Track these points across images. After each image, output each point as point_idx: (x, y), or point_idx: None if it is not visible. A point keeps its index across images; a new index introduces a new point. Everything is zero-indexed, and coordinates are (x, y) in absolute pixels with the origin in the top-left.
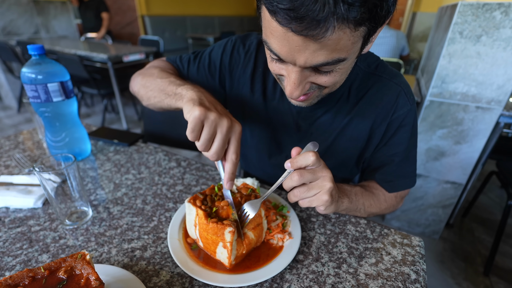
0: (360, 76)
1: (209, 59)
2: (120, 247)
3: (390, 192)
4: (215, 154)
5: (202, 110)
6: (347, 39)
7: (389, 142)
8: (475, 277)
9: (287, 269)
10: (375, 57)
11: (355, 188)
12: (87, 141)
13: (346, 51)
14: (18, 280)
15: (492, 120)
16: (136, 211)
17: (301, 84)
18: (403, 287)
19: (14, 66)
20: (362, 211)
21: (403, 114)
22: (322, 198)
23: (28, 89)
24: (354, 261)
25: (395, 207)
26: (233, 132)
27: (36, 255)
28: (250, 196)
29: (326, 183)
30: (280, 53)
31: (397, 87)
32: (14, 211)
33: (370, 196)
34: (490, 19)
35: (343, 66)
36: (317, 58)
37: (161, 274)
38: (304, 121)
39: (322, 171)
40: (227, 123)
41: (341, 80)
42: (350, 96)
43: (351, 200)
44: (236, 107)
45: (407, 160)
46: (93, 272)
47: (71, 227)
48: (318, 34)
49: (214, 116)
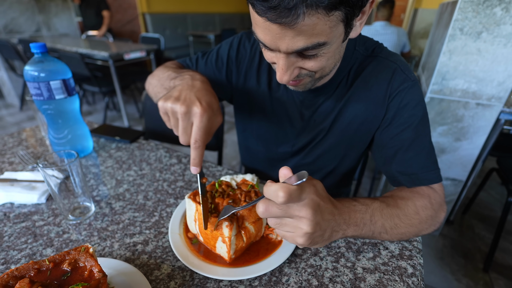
0: (359, 60)
1: (216, 55)
2: (122, 242)
3: (410, 186)
4: (180, 138)
5: (161, 102)
6: (323, 24)
7: (392, 124)
8: (475, 273)
9: (286, 263)
10: (374, 42)
11: (373, 206)
12: (89, 138)
13: (325, 35)
14: (24, 272)
15: (492, 117)
16: (138, 207)
17: (288, 69)
18: (399, 280)
19: (16, 64)
20: (385, 235)
21: (402, 91)
22: (296, 240)
23: (31, 87)
24: (352, 256)
25: (434, 218)
26: (192, 117)
27: (41, 249)
28: (249, 192)
29: (303, 226)
30: (264, 41)
31: (392, 64)
32: (19, 207)
33: (394, 214)
34: (490, 15)
35: (327, 50)
36: (297, 44)
37: (162, 268)
38: (307, 109)
39: (299, 210)
40: (180, 108)
41: (329, 65)
42: (349, 80)
43: (361, 226)
44: (243, 100)
45: (421, 148)
46: (96, 264)
47: (74, 222)
48: (291, 21)
49: (169, 105)
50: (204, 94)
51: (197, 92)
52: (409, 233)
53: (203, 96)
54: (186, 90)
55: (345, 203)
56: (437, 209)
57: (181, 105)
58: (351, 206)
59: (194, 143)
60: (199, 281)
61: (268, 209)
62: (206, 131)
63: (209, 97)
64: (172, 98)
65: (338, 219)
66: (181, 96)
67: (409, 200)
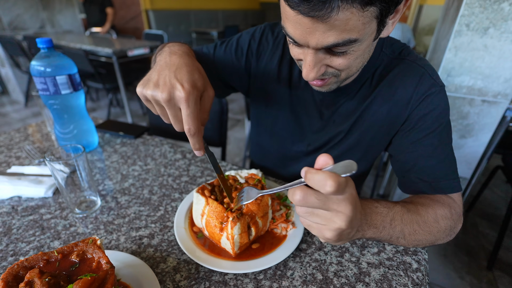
0: (384, 62)
1: (236, 44)
2: (128, 235)
3: (431, 193)
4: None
5: (139, 89)
6: (356, 20)
7: (415, 128)
8: (478, 271)
9: (291, 257)
10: (401, 44)
11: (394, 210)
12: (94, 133)
13: (357, 32)
14: (33, 262)
15: (498, 114)
16: (143, 201)
17: (316, 66)
18: (404, 275)
19: (20, 61)
20: (402, 240)
21: (429, 96)
22: (324, 233)
23: (37, 82)
24: (356, 251)
25: (452, 228)
26: (178, 102)
27: (48, 241)
28: (256, 186)
29: (338, 221)
30: (294, 36)
31: (420, 68)
32: (26, 200)
33: (414, 220)
34: (498, 11)
35: (357, 48)
36: (328, 39)
37: (168, 261)
38: (327, 109)
39: (339, 204)
40: (161, 96)
41: (356, 64)
42: (373, 82)
43: (380, 229)
44: (260, 94)
45: (444, 156)
46: (103, 256)
47: (81, 215)
48: (324, 14)
49: (149, 93)
50: (185, 72)
51: (176, 72)
52: (426, 241)
53: (184, 75)
54: (164, 70)
55: (368, 203)
56: (456, 220)
57: (161, 92)
58: (373, 207)
59: (188, 131)
60: (205, 274)
61: (306, 198)
62: (196, 115)
63: (190, 74)
64: (151, 83)
65: (362, 219)
66: (159, 80)
67: (430, 207)
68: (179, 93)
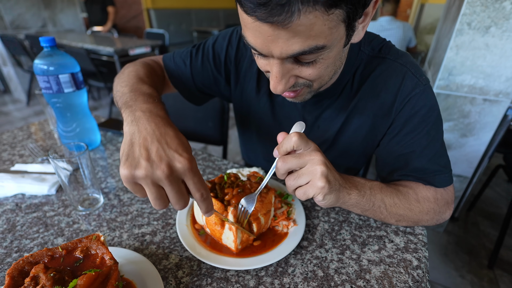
0: (364, 61)
1: (213, 52)
2: (131, 232)
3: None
4: (177, 206)
5: (127, 171)
6: (321, 24)
7: (402, 131)
8: (479, 270)
9: (292, 254)
10: (380, 39)
11: (372, 182)
12: (97, 131)
13: (324, 38)
14: (38, 258)
15: (499, 112)
16: (146, 199)
17: (283, 77)
18: (404, 272)
19: (22, 60)
20: (384, 210)
21: (413, 97)
22: (316, 184)
23: (40, 80)
24: (357, 248)
25: (437, 213)
26: (181, 174)
27: (52, 238)
28: (258, 183)
29: (316, 166)
30: (255, 45)
31: (402, 67)
32: (30, 197)
33: (394, 193)
34: (499, 9)
35: (327, 56)
36: (292, 47)
37: (170, 257)
38: (310, 114)
39: (310, 154)
40: (162, 173)
41: (328, 73)
42: (354, 84)
43: (362, 193)
44: (242, 103)
45: (433, 154)
46: (107, 252)
47: (84, 213)
48: (284, 19)
49: (142, 173)
50: (176, 140)
51: (168, 141)
52: (407, 218)
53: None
54: (151, 143)
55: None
56: (441, 205)
57: (160, 169)
58: (349, 177)
59: (201, 196)
60: (207, 271)
61: (285, 160)
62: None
63: (182, 140)
64: (141, 161)
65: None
66: (151, 155)
67: (411, 188)
68: (180, 165)
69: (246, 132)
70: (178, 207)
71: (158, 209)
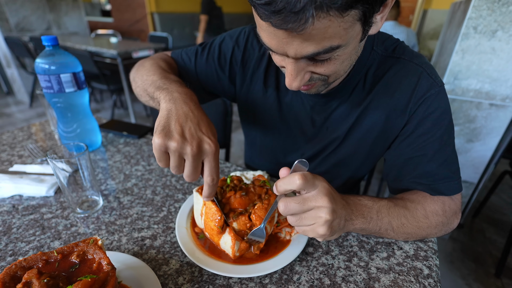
0: (377, 61)
1: (219, 51)
2: (130, 236)
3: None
4: (187, 178)
5: (161, 140)
6: (336, 26)
7: (414, 133)
8: (486, 278)
9: (297, 261)
10: (394, 40)
11: (380, 203)
12: (98, 132)
13: (339, 38)
14: (32, 262)
15: (506, 117)
16: (146, 201)
17: (298, 75)
18: (415, 281)
19: (26, 62)
20: (391, 232)
21: (428, 98)
22: (318, 231)
23: (41, 79)
24: (365, 255)
25: (446, 225)
26: (205, 155)
27: (48, 241)
28: (262, 187)
29: (322, 215)
30: (270, 46)
31: (417, 68)
32: (27, 199)
33: (401, 213)
34: (506, 13)
35: (342, 53)
36: (306, 49)
37: (170, 263)
38: (319, 115)
39: (316, 199)
40: (191, 150)
41: (344, 67)
42: (366, 84)
43: (368, 219)
44: (248, 105)
45: (444, 159)
46: (105, 257)
47: (82, 215)
48: (298, 26)
49: (174, 145)
50: (207, 124)
51: (200, 124)
52: (416, 235)
53: (208, 128)
54: (186, 121)
55: (350, 197)
56: (449, 216)
57: (190, 145)
58: (356, 200)
59: (211, 181)
60: (208, 277)
61: (287, 205)
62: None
63: (212, 127)
64: (175, 135)
65: (347, 209)
66: (185, 132)
67: (419, 204)
68: (209, 147)
69: (252, 135)
70: (188, 179)
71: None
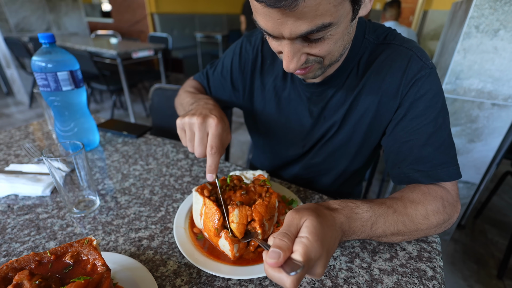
0: (369, 49)
1: (222, 65)
2: (127, 236)
3: (427, 183)
4: (195, 151)
5: (180, 120)
6: (327, 3)
7: (407, 116)
8: (488, 280)
9: None
10: (385, 28)
11: (378, 212)
12: (95, 132)
13: (330, 15)
14: (24, 263)
15: (509, 117)
16: (144, 201)
17: (295, 56)
18: (419, 283)
19: (26, 62)
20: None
21: (419, 80)
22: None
23: (38, 78)
24: (367, 256)
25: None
26: (208, 127)
27: (44, 242)
28: (262, 186)
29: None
30: (266, 28)
31: (408, 51)
32: (23, 199)
33: (399, 220)
34: (508, 12)
35: (334, 32)
36: (300, 28)
37: (168, 264)
38: (316, 105)
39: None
40: (197, 120)
41: (338, 48)
42: (359, 71)
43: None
44: (250, 106)
45: (440, 143)
46: (99, 258)
47: (79, 215)
48: (291, 3)
49: (187, 119)
50: (217, 111)
51: (210, 108)
52: (413, 237)
53: (216, 111)
54: (201, 108)
55: (346, 211)
56: (450, 212)
57: (197, 117)
58: (353, 214)
59: (211, 149)
60: (207, 279)
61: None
62: (221, 139)
63: (221, 112)
64: (189, 114)
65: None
66: (196, 112)
67: (420, 204)
68: (212, 119)
69: (256, 135)
70: (196, 152)
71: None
